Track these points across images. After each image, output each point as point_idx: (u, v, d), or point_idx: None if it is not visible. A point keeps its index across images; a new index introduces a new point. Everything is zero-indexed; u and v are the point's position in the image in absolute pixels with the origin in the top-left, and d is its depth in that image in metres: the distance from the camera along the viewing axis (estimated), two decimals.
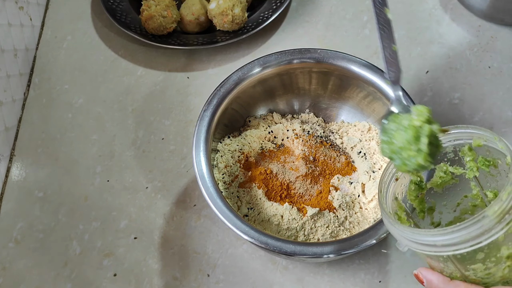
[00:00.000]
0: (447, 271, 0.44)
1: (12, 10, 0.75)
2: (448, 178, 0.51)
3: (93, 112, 0.74)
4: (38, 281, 0.62)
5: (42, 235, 0.65)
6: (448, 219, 0.53)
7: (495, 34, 0.77)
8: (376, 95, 0.63)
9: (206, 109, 0.61)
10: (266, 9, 0.80)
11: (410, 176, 0.50)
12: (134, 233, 0.65)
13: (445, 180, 0.51)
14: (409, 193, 0.51)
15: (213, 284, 0.61)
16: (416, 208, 0.51)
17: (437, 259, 0.43)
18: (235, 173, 0.63)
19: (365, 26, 0.80)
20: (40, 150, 0.72)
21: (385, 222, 0.46)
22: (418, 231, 0.42)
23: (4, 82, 0.71)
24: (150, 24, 0.76)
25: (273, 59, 0.64)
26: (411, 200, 0.51)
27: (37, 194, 0.68)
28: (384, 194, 0.48)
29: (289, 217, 0.59)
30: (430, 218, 0.53)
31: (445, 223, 0.53)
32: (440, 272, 0.44)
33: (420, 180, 0.50)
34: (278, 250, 0.52)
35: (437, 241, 0.40)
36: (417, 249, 0.43)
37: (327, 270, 0.61)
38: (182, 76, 0.77)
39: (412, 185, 0.50)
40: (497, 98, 0.72)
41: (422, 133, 0.44)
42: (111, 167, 0.69)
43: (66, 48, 0.81)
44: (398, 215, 0.49)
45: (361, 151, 0.65)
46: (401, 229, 0.44)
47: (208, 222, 0.65)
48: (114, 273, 0.62)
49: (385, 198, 0.48)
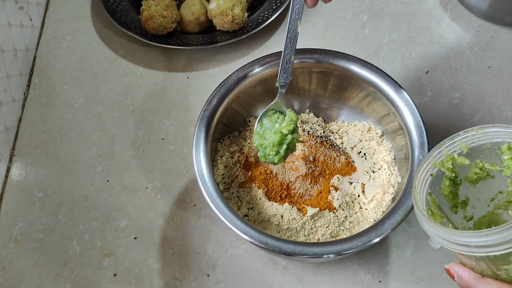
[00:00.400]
0: (478, 269, 0.44)
1: (12, 10, 0.75)
2: (484, 175, 0.51)
3: (93, 112, 0.74)
4: (38, 281, 0.62)
5: (42, 235, 0.65)
6: (481, 213, 0.53)
7: (495, 34, 0.77)
8: (376, 95, 0.63)
9: (206, 109, 0.61)
10: (266, 9, 0.80)
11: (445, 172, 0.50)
12: (134, 233, 0.65)
13: (481, 176, 0.51)
14: (443, 188, 0.51)
15: (213, 284, 0.61)
16: (449, 203, 0.51)
17: (469, 258, 0.44)
18: (235, 173, 0.63)
19: (365, 26, 0.80)
20: (40, 150, 0.72)
21: (418, 219, 0.47)
22: (453, 231, 0.42)
23: (4, 82, 0.71)
24: (150, 24, 0.76)
25: (273, 59, 0.64)
26: (445, 195, 0.51)
27: (37, 194, 0.68)
28: (419, 190, 0.49)
29: (289, 217, 0.59)
30: (463, 212, 0.53)
31: (478, 217, 0.53)
32: (471, 268, 0.45)
33: (455, 176, 0.50)
34: (278, 250, 0.52)
35: (471, 242, 0.41)
36: (450, 248, 0.43)
37: (327, 270, 0.61)
38: (182, 76, 0.77)
39: (447, 181, 0.50)
40: (497, 98, 0.72)
41: (285, 141, 0.55)
42: (111, 167, 0.69)
43: (66, 48, 0.81)
44: (432, 210, 0.49)
45: (361, 151, 0.65)
46: (435, 228, 0.44)
47: (208, 222, 0.65)
48: (114, 273, 0.62)
49: (420, 194, 0.48)
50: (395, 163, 0.63)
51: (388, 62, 0.76)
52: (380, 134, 0.66)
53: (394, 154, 0.64)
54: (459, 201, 0.52)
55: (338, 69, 0.64)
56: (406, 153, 0.59)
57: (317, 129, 0.67)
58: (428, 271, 0.60)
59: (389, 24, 0.80)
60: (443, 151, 0.49)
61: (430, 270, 0.60)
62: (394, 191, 0.60)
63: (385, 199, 0.60)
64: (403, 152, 0.61)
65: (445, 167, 0.49)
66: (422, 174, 0.49)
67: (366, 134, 0.66)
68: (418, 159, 0.56)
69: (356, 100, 0.67)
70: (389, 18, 0.80)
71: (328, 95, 0.68)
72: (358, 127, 0.67)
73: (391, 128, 0.64)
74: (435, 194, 0.50)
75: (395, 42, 0.78)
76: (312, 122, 0.69)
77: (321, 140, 0.66)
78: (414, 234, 0.62)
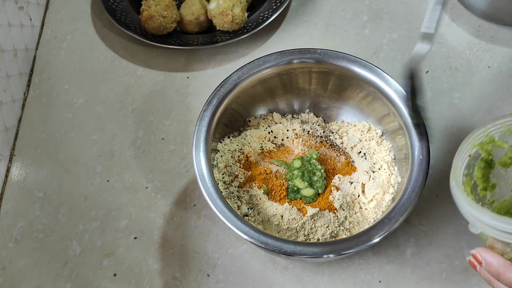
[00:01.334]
0: (510, 255, 0.43)
1: (12, 10, 0.75)
2: None
3: (93, 112, 0.74)
4: (38, 281, 0.62)
5: (42, 235, 0.65)
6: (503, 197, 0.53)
7: (495, 34, 0.77)
8: (376, 95, 0.63)
9: (206, 109, 0.61)
10: (266, 9, 0.80)
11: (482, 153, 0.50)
12: (134, 233, 0.65)
13: None
14: (478, 170, 0.50)
15: (213, 284, 0.61)
16: (480, 185, 0.51)
17: (505, 244, 0.43)
18: (235, 173, 0.63)
19: (365, 26, 0.80)
20: (40, 150, 0.72)
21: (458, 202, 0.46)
22: (499, 217, 0.41)
23: (4, 82, 0.71)
24: (150, 24, 0.76)
25: (273, 59, 0.64)
26: (478, 177, 0.51)
27: (37, 194, 0.68)
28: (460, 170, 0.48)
29: (289, 217, 0.59)
30: (489, 195, 0.52)
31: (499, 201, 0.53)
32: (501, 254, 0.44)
33: (491, 159, 0.50)
34: (278, 250, 0.52)
35: None
36: (491, 234, 0.42)
37: (327, 270, 0.61)
38: (182, 76, 0.77)
39: (482, 163, 0.50)
40: (497, 98, 0.72)
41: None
42: (111, 167, 0.69)
43: (66, 48, 0.81)
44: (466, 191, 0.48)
45: (361, 151, 0.65)
46: (480, 213, 0.43)
47: (208, 222, 0.65)
48: (114, 273, 0.62)
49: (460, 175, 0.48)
50: (395, 163, 0.63)
51: (388, 62, 0.76)
52: (380, 134, 0.66)
53: (394, 154, 0.64)
54: (489, 184, 0.52)
55: (338, 69, 0.64)
56: (406, 153, 0.59)
57: (317, 129, 0.67)
58: (428, 271, 0.60)
59: (389, 24, 0.80)
60: (485, 132, 0.49)
61: (430, 270, 0.60)
62: (394, 191, 0.60)
63: (385, 199, 0.60)
64: (403, 152, 0.61)
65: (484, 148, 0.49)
66: (462, 155, 0.49)
67: (366, 134, 0.66)
68: (418, 159, 0.56)
69: (356, 100, 0.67)
70: (389, 18, 0.80)
71: (328, 95, 0.68)
72: (358, 127, 0.67)
73: (391, 128, 0.64)
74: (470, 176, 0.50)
75: (395, 42, 0.78)
76: (312, 122, 0.69)
77: (321, 140, 0.66)
78: (414, 234, 0.62)
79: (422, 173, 0.55)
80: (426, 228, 0.62)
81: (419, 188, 0.55)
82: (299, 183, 0.61)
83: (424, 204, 0.64)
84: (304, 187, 0.61)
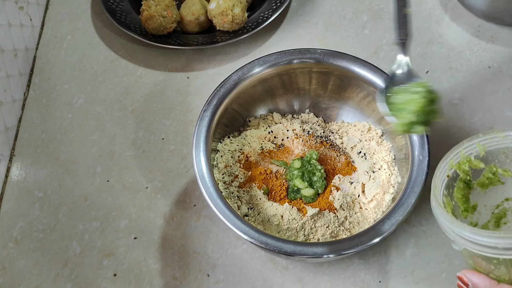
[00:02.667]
0: (495, 273, 0.43)
1: (12, 10, 0.75)
2: (496, 180, 0.50)
3: (93, 112, 0.74)
4: (38, 281, 0.62)
5: (42, 235, 0.65)
6: (485, 219, 0.52)
7: (495, 34, 0.77)
8: (376, 95, 0.63)
9: (206, 109, 0.61)
10: (266, 9, 0.80)
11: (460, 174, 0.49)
12: (134, 233, 0.65)
13: (492, 181, 0.50)
14: (457, 191, 0.50)
15: (213, 284, 0.61)
16: (461, 206, 0.51)
17: (488, 261, 0.42)
18: (235, 173, 0.63)
19: (365, 26, 0.80)
20: (40, 150, 0.72)
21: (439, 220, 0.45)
22: (480, 231, 0.41)
23: (4, 82, 0.71)
24: (150, 24, 0.76)
25: (273, 59, 0.64)
26: (458, 198, 0.50)
27: (37, 194, 0.68)
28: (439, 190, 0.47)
29: (289, 217, 0.59)
30: (470, 217, 0.52)
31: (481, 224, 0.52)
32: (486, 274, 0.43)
33: (469, 179, 0.50)
34: (278, 250, 0.52)
35: (499, 243, 0.40)
36: (475, 250, 0.42)
37: (327, 270, 0.61)
38: (182, 76, 0.77)
39: (461, 183, 0.50)
40: (497, 98, 0.72)
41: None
42: (111, 167, 0.69)
43: (66, 48, 0.81)
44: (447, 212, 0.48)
45: (361, 151, 0.65)
46: (460, 228, 0.43)
47: (208, 222, 0.65)
48: (114, 273, 0.62)
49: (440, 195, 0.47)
50: (395, 163, 0.63)
51: (388, 62, 0.76)
52: (380, 134, 0.66)
53: (394, 154, 0.64)
54: (470, 205, 0.51)
55: (338, 69, 0.64)
56: (406, 153, 0.59)
57: (317, 129, 0.67)
58: (428, 271, 0.60)
59: (389, 24, 0.80)
60: (461, 152, 0.48)
61: (430, 270, 0.60)
62: (394, 191, 0.60)
63: (385, 199, 0.60)
64: (403, 152, 0.61)
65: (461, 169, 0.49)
66: (440, 174, 0.48)
67: (366, 134, 0.66)
68: (418, 159, 0.56)
69: (356, 100, 0.67)
70: (389, 18, 0.80)
71: (328, 95, 0.68)
72: (358, 127, 0.67)
73: (391, 128, 0.64)
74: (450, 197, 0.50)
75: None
76: (312, 122, 0.69)
77: (321, 140, 0.66)
78: (414, 234, 0.62)
79: (422, 173, 0.55)
80: (426, 228, 0.62)
81: (419, 188, 0.55)
82: (299, 183, 0.61)
83: (424, 204, 0.63)
84: (304, 187, 0.61)
